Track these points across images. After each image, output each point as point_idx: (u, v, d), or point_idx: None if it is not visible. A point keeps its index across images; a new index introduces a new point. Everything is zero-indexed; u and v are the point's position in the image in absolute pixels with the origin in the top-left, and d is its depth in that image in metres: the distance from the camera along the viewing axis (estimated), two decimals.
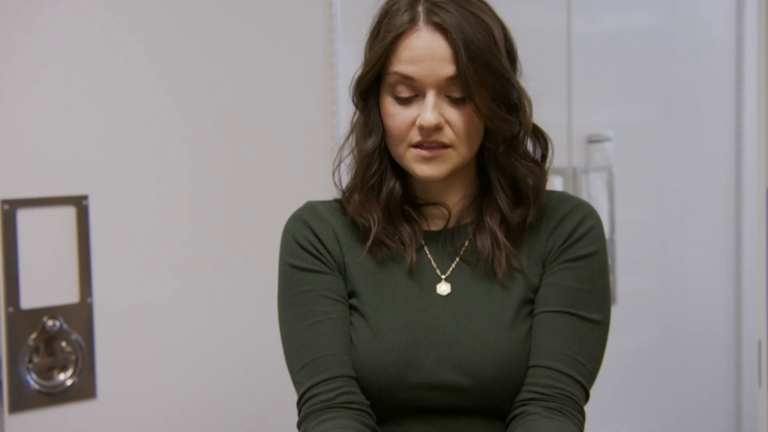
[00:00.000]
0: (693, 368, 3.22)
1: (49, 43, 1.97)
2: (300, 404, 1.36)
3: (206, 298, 2.20)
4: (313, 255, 1.40)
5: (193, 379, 2.18)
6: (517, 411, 1.33)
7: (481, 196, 1.41)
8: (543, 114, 1.43)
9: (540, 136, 1.42)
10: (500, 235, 1.36)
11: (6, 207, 1.93)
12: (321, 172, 2.30)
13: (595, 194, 2.77)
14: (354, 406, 1.34)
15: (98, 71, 2.03)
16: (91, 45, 2.02)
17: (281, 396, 1.96)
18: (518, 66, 1.38)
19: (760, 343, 2.23)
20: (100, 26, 2.03)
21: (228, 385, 2.23)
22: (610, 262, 1.41)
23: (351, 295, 1.40)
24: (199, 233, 2.18)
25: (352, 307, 1.39)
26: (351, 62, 2.31)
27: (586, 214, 1.39)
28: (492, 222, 1.37)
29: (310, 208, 1.45)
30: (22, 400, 1.95)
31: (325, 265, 1.39)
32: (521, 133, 1.37)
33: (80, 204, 2.01)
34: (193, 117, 2.16)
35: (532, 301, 1.37)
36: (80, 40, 2.01)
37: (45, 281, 1.99)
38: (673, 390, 3.18)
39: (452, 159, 1.33)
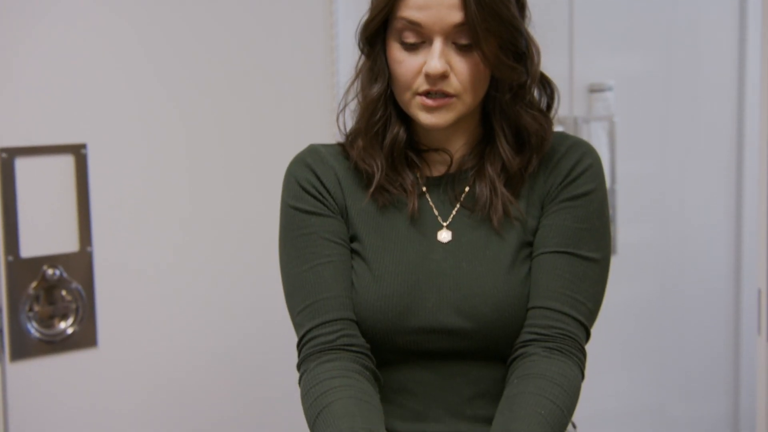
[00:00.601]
0: (692, 318, 3.23)
1: None
2: (300, 346, 1.36)
3: (207, 246, 2.19)
4: (315, 197, 1.39)
5: (194, 326, 2.18)
6: (518, 352, 1.33)
7: (484, 143, 1.41)
8: (544, 63, 1.41)
9: (546, 85, 1.41)
10: (498, 183, 1.36)
11: (4, 155, 1.92)
12: (321, 121, 2.29)
13: (596, 144, 2.76)
14: (354, 348, 1.34)
15: (97, 18, 2.01)
16: None
17: (282, 341, 1.97)
18: (527, 13, 1.37)
19: (759, 291, 2.23)
20: None
21: (229, 332, 2.24)
22: (610, 212, 1.40)
23: (352, 239, 1.40)
24: (199, 181, 2.17)
25: (353, 251, 1.39)
26: (351, 9, 2.29)
27: (584, 152, 1.39)
28: (492, 169, 1.37)
29: (313, 150, 1.44)
30: (23, 349, 1.95)
31: (327, 207, 1.39)
32: (528, 82, 1.36)
33: (79, 153, 2.00)
34: (192, 64, 2.14)
35: (530, 244, 1.37)
36: None
37: (44, 230, 1.98)
38: (672, 339, 3.19)
39: (457, 108, 1.33)
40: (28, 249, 1.95)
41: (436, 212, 1.39)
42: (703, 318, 3.26)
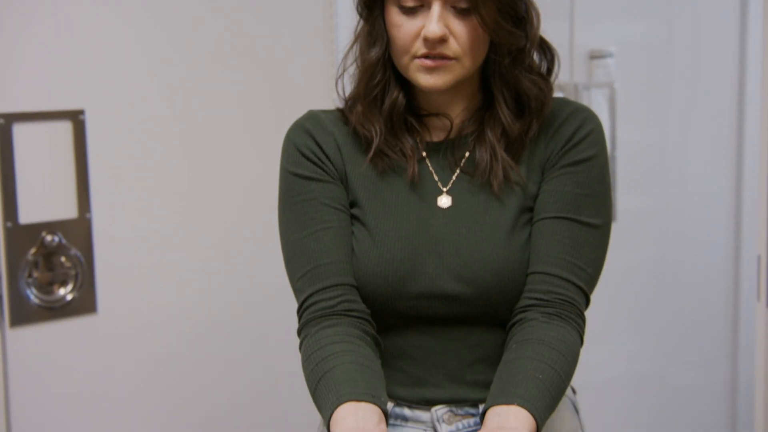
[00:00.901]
0: (691, 285, 3.23)
1: None
2: (300, 311, 1.36)
3: (206, 212, 2.19)
4: (314, 163, 1.39)
5: (194, 292, 2.18)
6: (517, 318, 1.33)
7: (484, 108, 1.40)
8: (545, 29, 1.40)
9: (546, 50, 1.40)
10: (498, 148, 1.35)
11: (2, 121, 1.91)
12: (320, 87, 2.28)
13: (596, 111, 2.73)
14: (355, 313, 1.34)
15: None
16: None
17: (282, 307, 1.97)
18: None
19: (759, 257, 2.23)
20: None
21: (229, 298, 2.24)
22: (611, 180, 1.40)
23: (352, 204, 1.40)
24: (198, 147, 2.16)
25: (353, 217, 1.39)
26: None
27: (586, 117, 1.38)
28: (492, 135, 1.36)
29: (312, 116, 1.43)
30: (23, 315, 1.95)
31: (326, 173, 1.39)
32: (527, 46, 1.35)
33: (76, 118, 1.99)
34: (189, 26, 2.12)
35: (531, 210, 1.37)
36: None
37: (43, 196, 1.97)
38: (671, 306, 3.19)
39: (456, 70, 1.32)
40: (27, 215, 1.95)
41: (436, 178, 1.39)
42: (702, 285, 3.26)
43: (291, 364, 1.62)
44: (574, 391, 1.49)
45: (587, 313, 1.36)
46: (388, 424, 1.39)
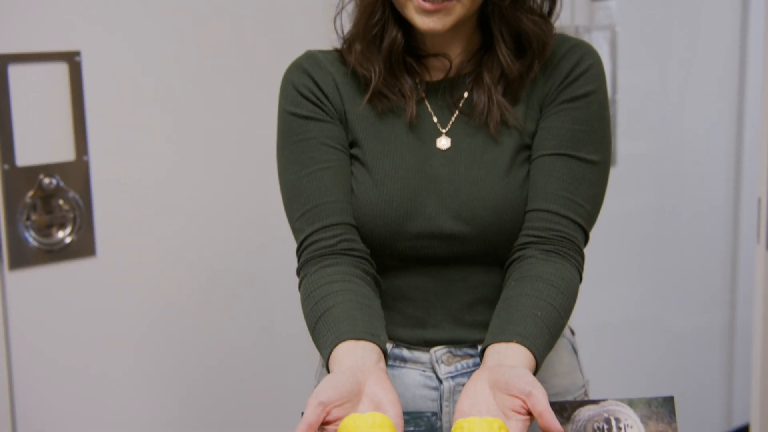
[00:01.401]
0: (691, 229, 3.23)
1: None
2: (299, 251, 1.36)
3: (205, 153, 2.18)
4: (313, 103, 1.38)
5: (193, 235, 2.18)
6: (515, 255, 1.33)
7: (483, 50, 1.38)
8: None
9: None
10: (495, 92, 1.34)
11: None
12: (317, 28, 2.25)
13: None
14: (355, 253, 1.34)
15: None
16: None
17: (281, 248, 1.97)
18: None
19: (759, 200, 2.23)
20: None
21: (228, 240, 2.24)
22: (611, 122, 1.39)
23: (352, 144, 1.39)
24: (196, 88, 2.15)
25: (352, 157, 1.38)
26: None
27: (585, 52, 1.36)
28: (489, 77, 1.35)
29: (310, 56, 1.42)
30: (22, 257, 1.95)
31: (325, 113, 1.37)
32: None
33: (72, 60, 1.97)
34: None
35: (529, 147, 1.36)
36: None
37: (40, 138, 1.96)
38: (670, 251, 3.20)
39: (456, 11, 1.30)
40: (24, 158, 1.94)
41: (435, 119, 1.38)
42: (701, 230, 3.26)
43: (290, 304, 1.62)
44: (572, 332, 1.49)
45: (586, 251, 1.36)
46: (387, 364, 1.40)
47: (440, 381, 1.38)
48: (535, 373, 1.17)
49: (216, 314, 2.24)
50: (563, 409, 1.22)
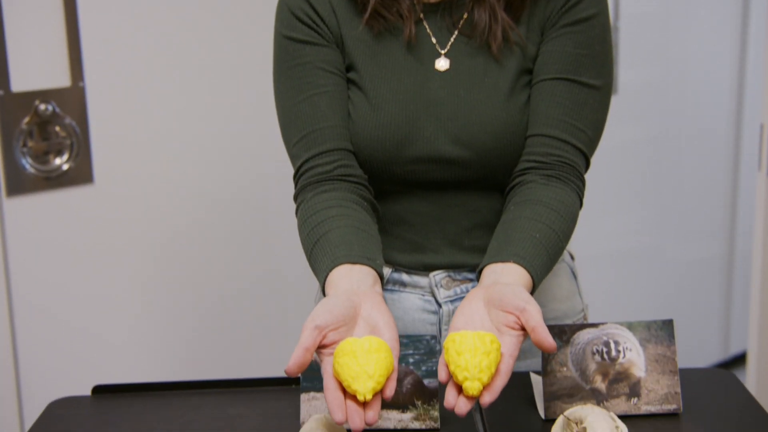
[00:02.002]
0: (692, 158, 3.22)
1: None
2: (296, 177, 1.35)
3: (203, 79, 2.16)
4: (309, 26, 1.35)
5: (190, 161, 2.17)
6: (515, 181, 1.32)
7: None
8: None
9: None
10: (498, 8, 1.31)
11: None
12: None
13: None
14: (352, 178, 1.33)
15: None
16: None
17: (278, 176, 1.96)
18: None
19: (762, 126, 2.21)
20: None
21: (225, 167, 2.23)
22: (613, 52, 1.36)
23: (348, 68, 1.37)
24: (194, 13, 2.12)
25: (349, 81, 1.36)
26: None
27: None
28: None
29: None
30: (19, 184, 1.94)
31: (321, 36, 1.35)
32: None
33: None
34: None
35: (530, 71, 1.34)
36: None
37: (35, 64, 1.94)
38: (671, 180, 3.19)
39: None
40: (19, 83, 1.92)
41: (433, 40, 1.35)
42: (702, 158, 3.25)
43: (291, 233, 1.61)
44: (572, 257, 1.49)
45: (587, 180, 1.35)
46: (384, 288, 1.40)
47: (439, 305, 1.38)
48: (532, 294, 1.16)
49: (215, 240, 2.24)
50: (562, 333, 1.23)
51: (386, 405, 1.20)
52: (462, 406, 1.01)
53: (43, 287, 2.02)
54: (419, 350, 1.21)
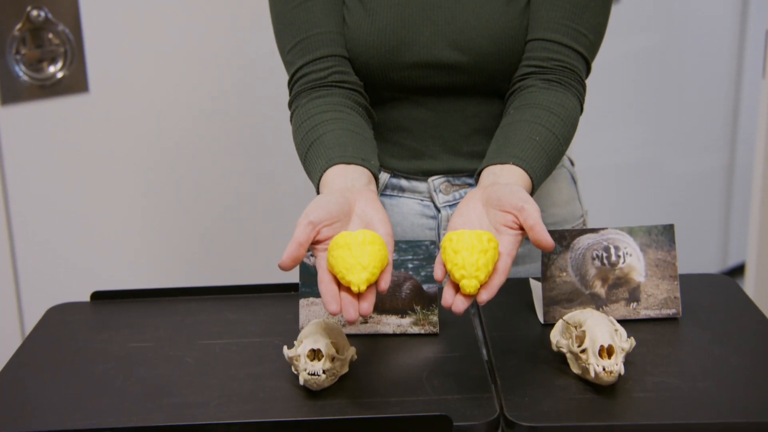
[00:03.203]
0: (694, 70, 3.19)
1: None
2: (291, 84, 1.34)
3: None
4: None
5: (186, 70, 2.15)
6: (515, 86, 1.30)
7: None
8: None
9: None
10: None
11: None
12: None
13: None
14: (346, 85, 1.31)
15: None
16: None
17: (274, 85, 1.93)
18: None
19: (767, 32, 2.18)
20: None
21: (222, 75, 2.20)
22: None
23: None
24: None
25: None
26: None
27: None
28: None
29: None
30: (14, 92, 1.92)
31: None
32: None
33: None
34: None
35: None
36: None
37: None
38: (672, 92, 3.16)
39: None
40: None
41: None
42: (704, 69, 3.22)
43: (287, 141, 1.60)
44: (572, 163, 1.48)
45: (588, 84, 1.33)
46: (382, 194, 1.39)
47: (438, 210, 1.38)
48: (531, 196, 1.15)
49: (213, 147, 2.22)
50: (562, 238, 1.22)
51: (385, 310, 1.20)
52: (459, 305, 1.00)
53: (40, 195, 2.01)
54: (418, 255, 1.21)
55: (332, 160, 1.18)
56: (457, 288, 1.02)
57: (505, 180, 1.13)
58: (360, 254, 1.01)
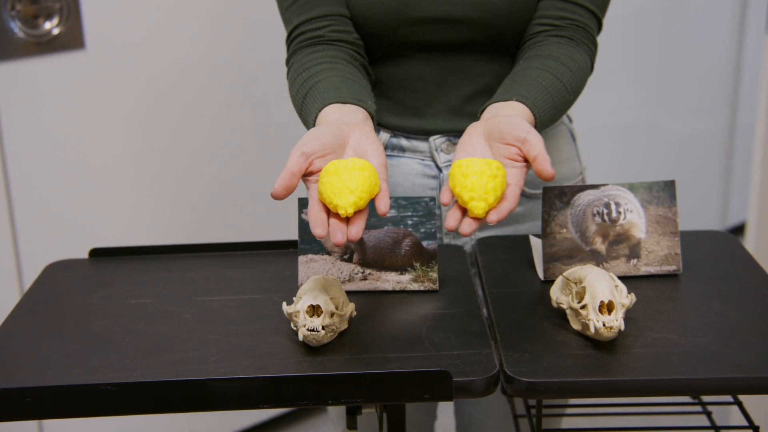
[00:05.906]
0: (695, 29, 3.16)
1: None
2: (288, 42, 1.32)
3: None
4: None
5: (184, 26, 2.12)
6: (526, 44, 1.29)
7: None
8: None
9: None
10: None
11: None
12: None
13: None
14: (343, 43, 1.29)
15: None
16: None
17: (272, 44, 1.92)
18: None
19: None
20: None
21: (219, 33, 2.18)
22: None
23: None
24: None
25: None
26: None
27: None
28: None
29: None
30: (9, 48, 1.90)
31: None
32: None
33: None
34: None
35: None
36: None
37: None
38: (674, 52, 3.14)
39: None
40: None
41: None
42: (706, 29, 3.19)
43: (285, 99, 1.59)
44: (570, 120, 1.46)
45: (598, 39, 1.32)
46: (377, 132, 1.36)
47: (439, 169, 1.36)
48: None
49: (211, 104, 2.21)
50: (563, 194, 1.21)
51: (385, 267, 1.20)
52: (466, 227, 1.00)
53: (37, 152, 2.00)
54: (418, 212, 1.20)
55: (327, 101, 1.17)
56: (463, 212, 1.01)
57: (506, 112, 1.12)
58: (348, 179, 1.00)
